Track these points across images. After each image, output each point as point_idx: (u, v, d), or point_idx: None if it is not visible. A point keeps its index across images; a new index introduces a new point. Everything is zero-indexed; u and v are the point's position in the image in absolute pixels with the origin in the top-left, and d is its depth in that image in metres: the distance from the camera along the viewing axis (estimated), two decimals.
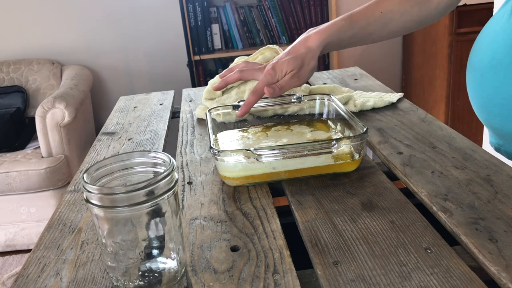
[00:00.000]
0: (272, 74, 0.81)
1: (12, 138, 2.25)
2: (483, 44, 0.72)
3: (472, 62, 0.75)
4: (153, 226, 0.46)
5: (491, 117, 0.71)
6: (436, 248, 0.50)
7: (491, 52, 0.69)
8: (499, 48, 0.68)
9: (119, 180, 0.50)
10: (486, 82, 0.70)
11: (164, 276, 0.48)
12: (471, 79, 0.74)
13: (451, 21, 2.20)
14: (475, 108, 0.76)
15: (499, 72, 0.67)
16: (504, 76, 0.67)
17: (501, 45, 0.68)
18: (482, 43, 0.73)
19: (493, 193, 0.59)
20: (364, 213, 0.58)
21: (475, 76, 0.73)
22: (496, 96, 0.69)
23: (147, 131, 0.95)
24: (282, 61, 0.82)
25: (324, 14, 2.57)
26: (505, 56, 0.67)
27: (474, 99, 0.75)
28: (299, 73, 0.82)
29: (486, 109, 0.72)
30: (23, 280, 0.52)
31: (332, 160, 0.67)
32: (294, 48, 0.83)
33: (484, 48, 0.71)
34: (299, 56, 0.82)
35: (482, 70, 0.71)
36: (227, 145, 0.77)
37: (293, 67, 0.81)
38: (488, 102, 0.70)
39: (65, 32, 2.62)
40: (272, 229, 0.56)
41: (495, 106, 0.69)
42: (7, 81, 2.47)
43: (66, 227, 0.62)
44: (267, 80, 0.81)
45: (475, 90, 0.74)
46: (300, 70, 0.82)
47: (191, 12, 2.47)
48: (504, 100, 0.67)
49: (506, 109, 0.68)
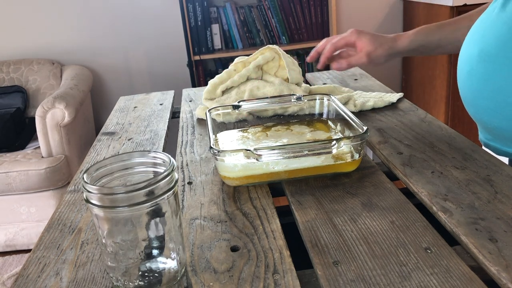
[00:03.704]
0: (356, 36, 0.88)
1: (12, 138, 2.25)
2: (473, 38, 0.73)
3: (461, 55, 0.75)
4: (153, 226, 0.46)
5: (480, 110, 0.72)
6: (436, 248, 0.50)
7: (480, 45, 0.70)
8: (488, 41, 0.68)
9: (119, 180, 0.50)
10: (475, 75, 0.71)
11: (164, 276, 0.48)
12: (461, 72, 0.75)
13: None
14: (465, 102, 0.76)
15: (488, 65, 0.68)
16: (492, 68, 0.67)
17: (490, 38, 0.68)
18: (472, 37, 0.73)
19: (493, 193, 0.59)
20: (364, 213, 0.58)
21: (464, 69, 0.74)
22: (484, 88, 0.69)
23: (147, 131, 0.95)
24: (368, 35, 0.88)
25: (324, 14, 2.57)
26: (494, 49, 0.67)
27: (464, 93, 0.75)
28: (371, 53, 0.88)
29: (474, 102, 0.72)
30: (23, 280, 0.52)
31: (332, 160, 0.67)
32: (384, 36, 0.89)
33: (474, 41, 0.72)
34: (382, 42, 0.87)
35: (471, 63, 0.71)
36: (227, 145, 0.77)
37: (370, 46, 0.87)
38: (477, 94, 0.71)
39: (65, 32, 2.62)
40: (272, 229, 0.56)
41: (483, 99, 0.70)
42: (7, 81, 2.47)
43: (66, 227, 0.62)
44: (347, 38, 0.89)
45: (464, 83, 0.74)
46: (374, 52, 0.87)
47: (191, 12, 2.47)
48: (491, 93, 0.68)
49: (494, 101, 0.68)
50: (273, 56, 0.95)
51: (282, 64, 0.95)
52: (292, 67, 0.95)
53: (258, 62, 0.94)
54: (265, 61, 0.94)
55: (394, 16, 2.74)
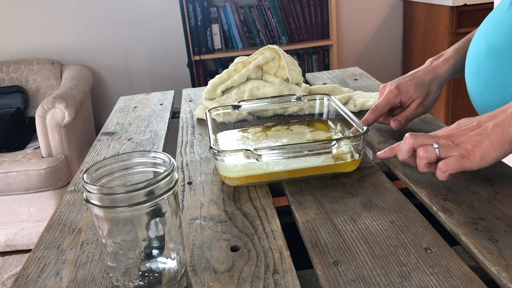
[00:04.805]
0: (396, 93, 0.77)
1: (12, 138, 2.25)
2: (482, 34, 0.73)
3: (470, 51, 0.75)
4: (153, 226, 0.46)
5: (486, 106, 0.71)
6: (436, 248, 0.50)
7: (488, 40, 0.70)
8: (496, 37, 0.68)
9: (119, 180, 0.50)
10: (482, 70, 0.71)
11: (164, 276, 0.48)
12: (468, 68, 0.75)
13: (451, 21, 2.20)
14: (472, 99, 0.76)
15: (495, 60, 0.68)
16: (499, 64, 0.67)
17: (499, 34, 0.68)
18: (480, 33, 0.73)
19: (493, 193, 0.59)
20: (364, 213, 0.58)
21: (472, 64, 0.74)
22: (491, 83, 0.69)
23: (147, 131, 0.95)
24: (408, 84, 0.78)
25: (324, 14, 2.57)
26: (502, 44, 0.67)
27: (471, 89, 0.75)
28: (424, 101, 0.78)
29: (481, 97, 0.72)
30: (23, 280, 0.52)
31: (332, 160, 0.67)
32: (420, 73, 0.80)
33: (482, 37, 0.72)
34: (426, 83, 0.78)
35: (479, 58, 0.71)
36: (227, 145, 0.77)
37: (418, 94, 0.77)
38: (484, 90, 0.71)
39: (65, 32, 2.62)
40: (272, 229, 0.56)
41: (490, 94, 0.70)
42: (7, 81, 2.47)
43: (66, 227, 0.62)
44: (388, 99, 0.77)
45: (471, 78, 0.74)
46: (426, 99, 0.78)
47: (191, 12, 2.47)
48: (498, 88, 0.68)
49: (500, 97, 0.68)
50: (273, 56, 0.95)
51: (282, 64, 0.95)
52: (292, 67, 0.95)
53: (258, 62, 0.94)
54: (265, 61, 0.94)
55: (394, 16, 2.74)
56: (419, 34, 2.54)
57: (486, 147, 0.54)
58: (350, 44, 2.78)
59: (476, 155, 0.54)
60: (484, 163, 0.54)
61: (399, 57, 2.83)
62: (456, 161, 0.54)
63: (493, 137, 0.54)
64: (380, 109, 0.77)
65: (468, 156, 0.54)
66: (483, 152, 0.54)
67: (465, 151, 0.54)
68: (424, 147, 0.56)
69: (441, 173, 0.55)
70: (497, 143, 0.54)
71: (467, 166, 0.54)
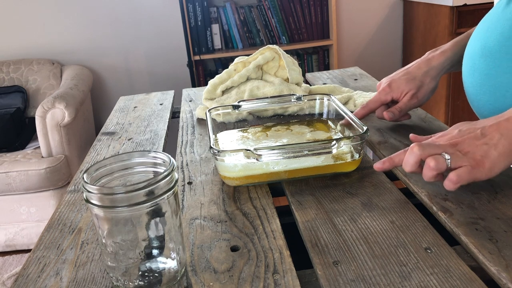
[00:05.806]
0: (387, 91, 0.80)
1: (12, 138, 2.25)
2: (478, 33, 0.73)
3: (466, 51, 0.76)
4: (153, 226, 0.46)
5: (481, 105, 0.72)
6: (436, 248, 0.50)
7: (483, 40, 0.70)
8: (491, 37, 0.69)
9: (119, 180, 0.50)
10: (477, 70, 0.71)
11: (164, 276, 0.48)
12: (464, 68, 0.75)
13: (451, 21, 2.20)
14: (469, 98, 0.76)
15: (489, 60, 0.68)
16: (493, 64, 0.67)
17: (493, 34, 0.68)
18: (476, 33, 0.74)
19: (493, 193, 0.59)
20: (364, 213, 0.58)
21: (468, 63, 0.74)
22: (486, 83, 0.69)
23: (147, 131, 0.95)
24: (400, 79, 0.80)
25: (324, 14, 2.57)
26: (496, 45, 0.67)
27: (467, 88, 0.75)
28: (417, 93, 0.80)
29: (477, 97, 0.72)
30: (23, 280, 0.52)
31: (332, 160, 0.67)
32: (414, 67, 0.81)
33: (478, 37, 0.72)
34: (418, 76, 0.80)
35: (474, 58, 0.71)
36: (227, 145, 0.77)
37: (410, 88, 0.79)
38: (479, 89, 0.71)
39: (65, 32, 2.61)
40: (272, 229, 0.56)
41: (484, 94, 0.70)
42: (7, 81, 2.47)
43: (66, 227, 0.62)
44: (379, 97, 0.80)
45: (467, 78, 0.74)
46: (419, 91, 0.80)
47: (191, 12, 2.47)
48: (492, 88, 0.68)
49: (494, 96, 0.68)
50: (273, 56, 0.95)
51: (282, 64, 0.95)
52: (292, 67, 0.95)
53: (258, 62, 0.94)
54: (265, 61, 0.94)
55: (394, 16, 2.74)
56: (419, 34, 2.54)
57: (494, 157, 0.54)
58: (350, 44, 2.78)
59: (485, 166, 0.54)
60: (493, 173, 0.54)
61: (399, 57, 2.83)
62: (468, 172, 0.53)
63: (500, 147, 0.54)
64: (370, 106, 0.81)
65: (478, 167, 0.54)
66: (492, 162, 0.54)
67: (474, 161, 0.54)
68: (435, 158, 0.54)
69: (452, 184, 0.54)
70: (504, 154, 0.54)
71: (478, 177, 0.54)
